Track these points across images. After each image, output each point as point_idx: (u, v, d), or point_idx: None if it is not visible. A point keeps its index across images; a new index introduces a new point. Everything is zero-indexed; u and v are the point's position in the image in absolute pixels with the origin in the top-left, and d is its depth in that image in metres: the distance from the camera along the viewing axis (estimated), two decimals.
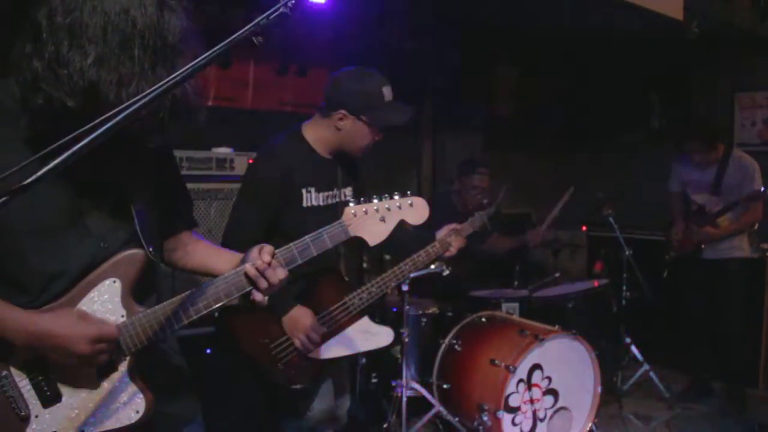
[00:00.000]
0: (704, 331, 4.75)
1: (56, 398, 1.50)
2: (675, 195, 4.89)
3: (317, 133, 2.66)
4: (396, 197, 1.88)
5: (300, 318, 2.49)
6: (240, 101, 4.52)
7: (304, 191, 2.58)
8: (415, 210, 1.92)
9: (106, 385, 1.53)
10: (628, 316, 4.81)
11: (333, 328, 2.59)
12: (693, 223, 4.65)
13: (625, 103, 6.38)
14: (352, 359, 3.91)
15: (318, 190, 2.62)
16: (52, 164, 1.08)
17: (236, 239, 2.44)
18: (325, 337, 2.56)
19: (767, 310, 5.05)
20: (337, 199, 2.71)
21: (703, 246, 4.62)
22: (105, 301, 1.54)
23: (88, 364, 1.49)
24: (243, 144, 3.97)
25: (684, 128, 4.77)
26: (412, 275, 3.08)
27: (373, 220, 1.84)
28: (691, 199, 4.74)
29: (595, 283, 4.69)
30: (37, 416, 1.49)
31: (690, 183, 4.75)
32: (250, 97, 4.56)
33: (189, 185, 1.94)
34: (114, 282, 1.54)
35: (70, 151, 1.08)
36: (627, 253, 4.68)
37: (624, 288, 4.79)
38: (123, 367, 1.55)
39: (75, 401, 1.51)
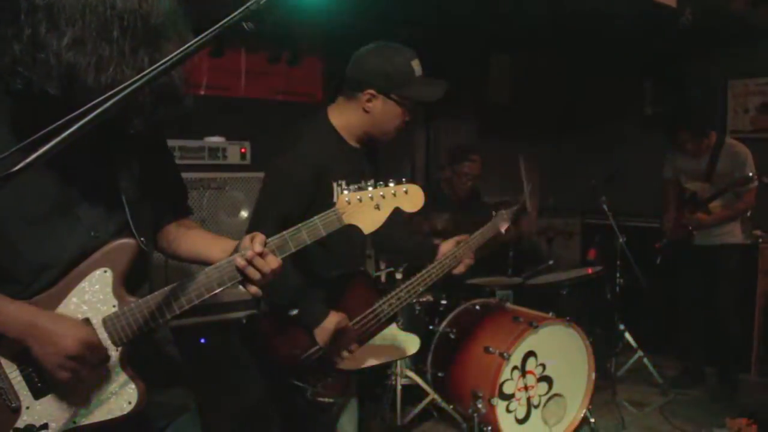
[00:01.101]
0: (697, 317, 4.78)
1: (47, 389, 1.49)
2: (668, 182, 4.89)
3: (344, 119, 2.43)
4: (391, 184, 1.83)
5: (335, 326, 2.31)
6: (232, 90, 4.49)
7: (335, 185, 2.37)
8: (410, 197, 1.85)
9: (97, 376, 1.52)
10: (621, 302, 4.82)
11: (364, 337, 2.43)
12: (685, 210, 4.66)
13: (619, 90, 6.37)
14: None
15: (348, 183, 2.38)
16: (40, 151, 1.06)
17: None
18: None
19: (759, 296, 5.08)
20: None
21: (694, 233, 4.64)
22: (96, 292, 1.52)
23: (66, 367, 1.44)
24: (235, 133, 3.96)
25: (674, 118, 4.77)
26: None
27: (367, 207, 1.79)
28: (684, 187, 4.74)
29: (589, 271, 4.70)
30: (28, 408, 1.48)
31: (683, 171, 4.75)
32: (243, 86, 4.54)
33: (181, 174, 1.92)
34: (105, 272, 1.53)
35: (58, 138, 1.06)
36: (621, 240, 4.68)
37: (618, 275, 4.80)
38: (115, 357, 1.53)
39: (66, 392, 1.50)
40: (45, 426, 1.48)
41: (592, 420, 3.91)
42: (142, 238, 1.58)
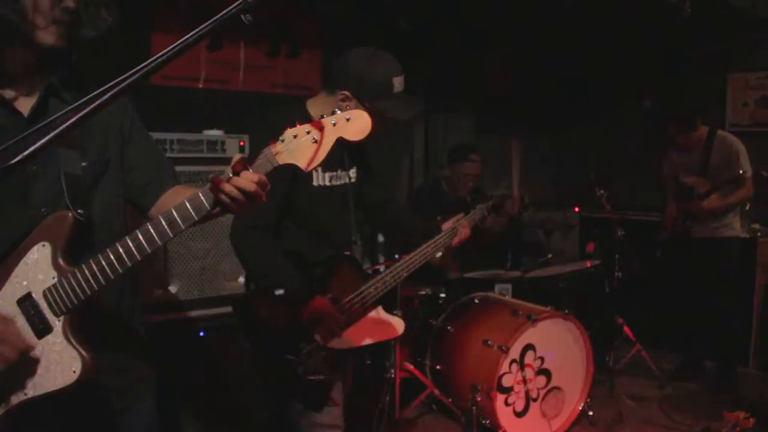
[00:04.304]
0: (696, 310, 4.78)
1: None
2: (666, 177, 4.89)
3: (320, 111, 2.52)
4: (337, 112, 1.63)
5: (318, 307, 2.39)
6: (231, 83, 4.49)
7: (312, 171, 2.46)
8: (353, 124, 1.64)
9: (41, 347, 1.53)
10: (620, 296, 4.82)
11: (350, 318, 2.49)
12: (683, 204, 4.66)
13: (618, 83, 6.36)
14: None
15: (324, 170, 2.50)
16: (39, 143, 1.07)
17: (248, 223, 2.38)
18: (343, 328, 2.46)
19: (758, 289, 5.09)
20: (343, 180, 2.60)
21: (693, 228, 4.64)
22: (36, 266, 1.55)
23: None
24: (234, 126, 3.95)
25: (663, 112, 4.78)
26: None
27: (303, 142, 1.59)
28: (680, 181, 4.74)
29: (588, 264, 4.71)
30: None
31: (679, 165, 4.75)
32: (241, 79, 4.53)
33: (180, 168, 1.92)
34: (44, 246, 1.55)
35: (58, 129, 1.07)
36: (619, 233, 4.69)
37: (616, 268, 4.80)
38: (58, 327, 1.53)
39: (13, 366, 1.50)
40: None
41: (591, 413, 3.92)
42: (79, 210, 1.58)
